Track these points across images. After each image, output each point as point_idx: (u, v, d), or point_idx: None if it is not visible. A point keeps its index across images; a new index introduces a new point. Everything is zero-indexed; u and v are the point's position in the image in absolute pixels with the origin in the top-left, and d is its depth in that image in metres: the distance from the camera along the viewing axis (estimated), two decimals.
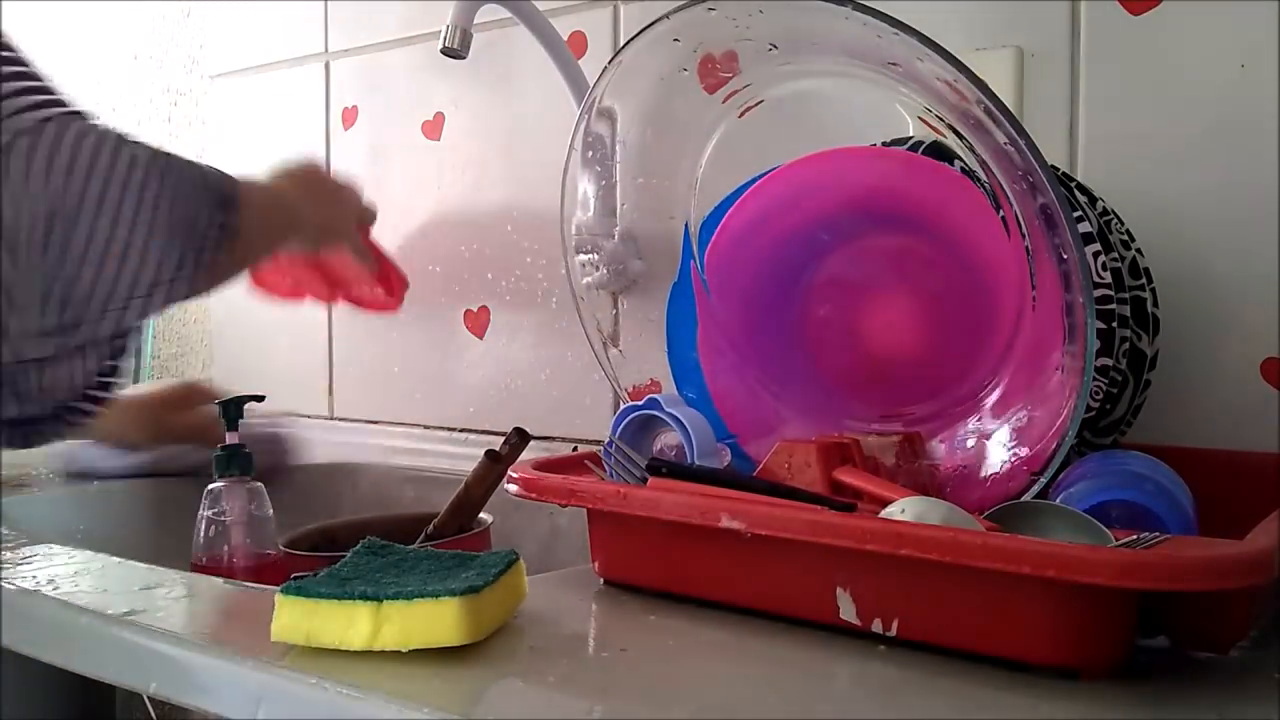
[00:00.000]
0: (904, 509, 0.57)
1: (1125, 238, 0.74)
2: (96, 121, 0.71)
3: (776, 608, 0.60)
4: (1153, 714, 0.47)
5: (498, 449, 0.90)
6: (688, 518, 0.60)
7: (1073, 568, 0.48)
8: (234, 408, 0.92)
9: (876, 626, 0.55)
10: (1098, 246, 0.68)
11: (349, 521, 0.95)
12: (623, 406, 0.78)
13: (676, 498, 0.61)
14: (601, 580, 0.68)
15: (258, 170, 0.89)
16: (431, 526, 0.90)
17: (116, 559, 0.74)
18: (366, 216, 1.04)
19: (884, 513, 0.58)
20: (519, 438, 0.90)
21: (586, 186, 0.88)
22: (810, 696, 0.50)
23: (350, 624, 0.52)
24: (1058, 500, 0.61)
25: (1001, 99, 0.60)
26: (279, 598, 0.53)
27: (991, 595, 0.51)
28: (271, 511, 0.89)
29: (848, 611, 0.56)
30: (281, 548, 0.88)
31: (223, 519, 0.87)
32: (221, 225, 0.74)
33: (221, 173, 0.76)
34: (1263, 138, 0.78)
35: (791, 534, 0.56)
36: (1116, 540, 0.54)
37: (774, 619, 0.59)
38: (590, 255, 0.95)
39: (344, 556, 0.75)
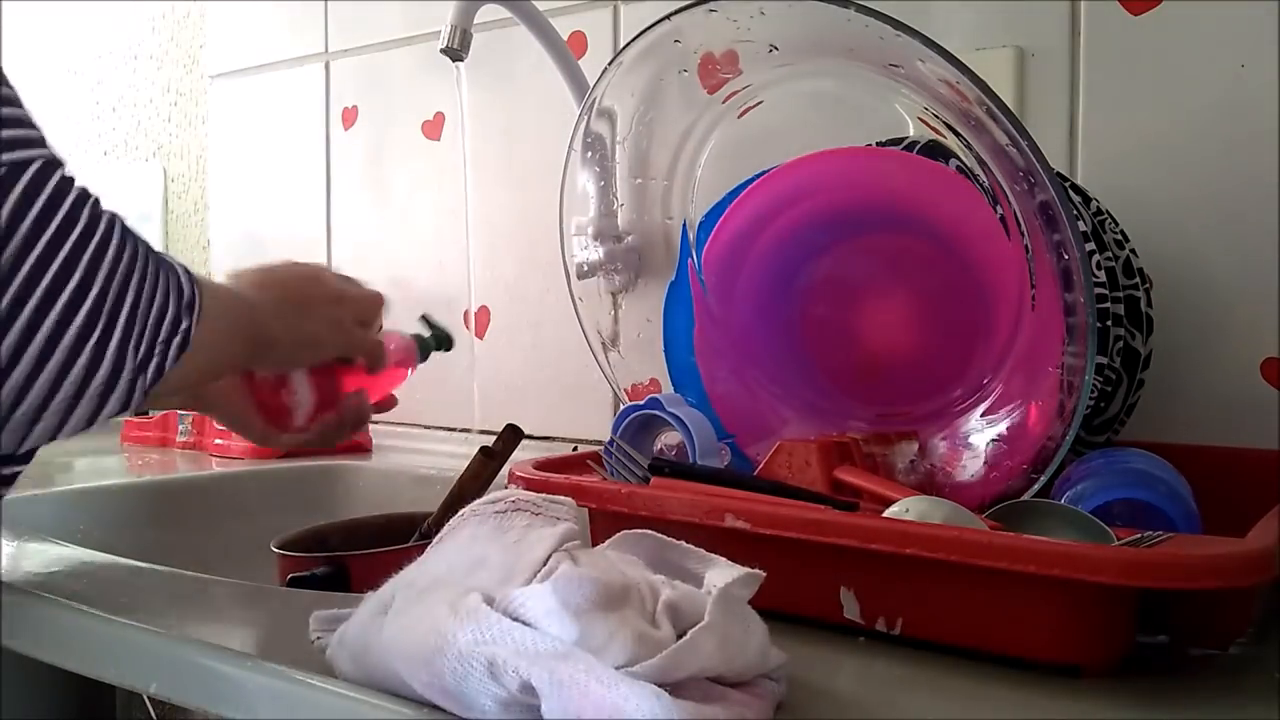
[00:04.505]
0: (907, 508, 0.57)
1: (1119, 238, 0.74)
2: (74, 176, 0.53)
3: (779, 607, 0.59)
4: (1154, 711, 0.48)
5: (491, 446, 0.90)
6: (692, 517, 0.60)
7: (1080, 567, 0.48)
8: None
9: (880, 625, 0.55)
10: (1092, 246, 0.68)
11: (341, 523, 0.95)
12: (624, 406, 0.78)
13: (681, 497, 0.61)
14: None
15: (244, 266, 0.73)
16: (426, 524, 0.90)
17: (116, 559, 0.74)
18: (369, 315, 0.79)
19: (888, 512, 0.58)
20: (512, 434, 0.90)
21: (586, 186, 0.88)
22: (813, 696, 0.50)
23: None
24: (1063, 499, 0.61)
25: (1002, 99, 0.60)
26: None
27: (996, 594, 0.51)
28: None
29: (851, 610, 0.56)
30: (274, 549, 0.88)
31: None
32: (184, 335, 0.57)
33: (187, 271, 0.58)
34: (1262, 138, 0.79)
35: (796, 533, 0.56)
36: (1119, 539, 0.54)
37: (777, 618, 0.59)
38: (589, 255, 0.95)
39: (336, 556, 0.75)
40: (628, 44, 0.75)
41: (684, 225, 0.86)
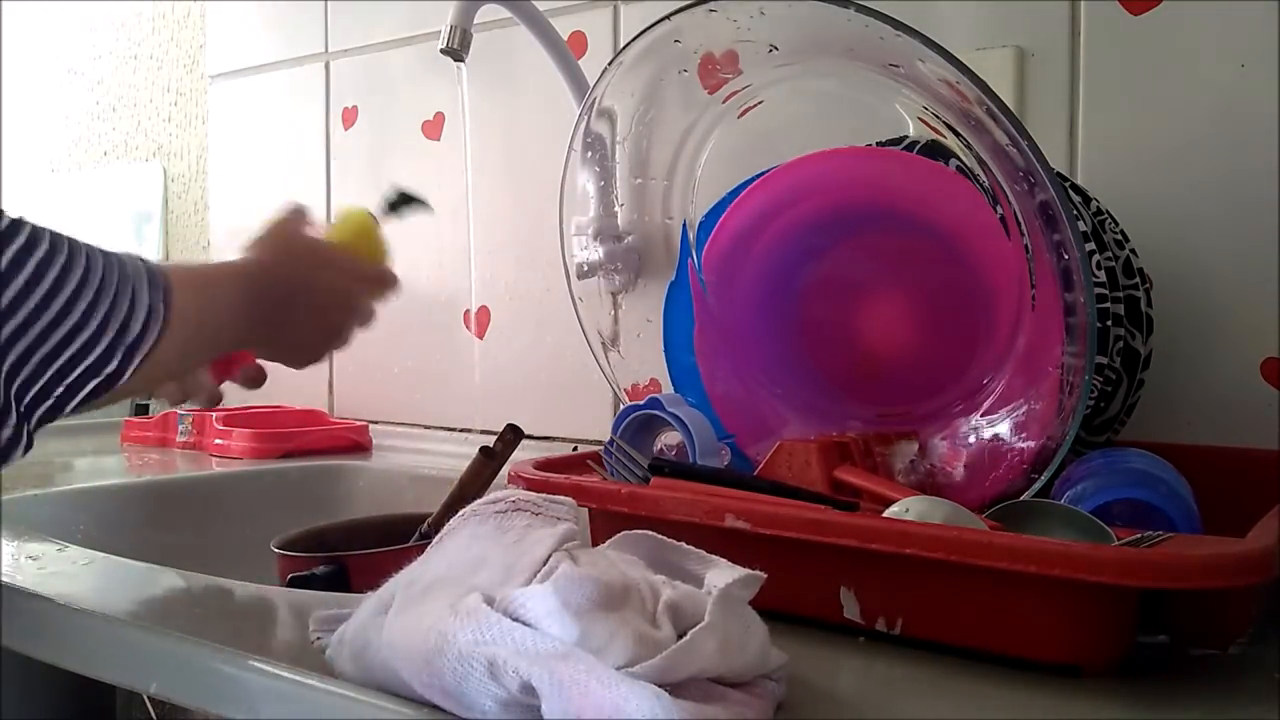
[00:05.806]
0: (908, 508, 0.57)
1: (1119, 238, 0.74)
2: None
3: (779, 607, 0.59)
4: (1153, 711, 0.48)
5: (491, 446, 0.90)
6: (692, 517, 0.60)
7: (1079, 567, 0.48)
8: None
9: (880, 625, 0.55)
10: (1092, 245, 0.68)
11: (341, 523, 0.95)
12: (624, 406, 0.78)
13: (681, 497, 0.61)
14: None
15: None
16: (426, 525, 0.90)
17: (116, 559, 0.74)
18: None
19: (888, 512, 0.58)
20: (512, 434, 0.90)
21: (586, 186, 0.88)
22: (813, 696, 0.50)
23: None
24: (1063, 499, 0.61)
25: (1002, 99, 0.60)
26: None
27: (996, 594, 0.51)
28: None
29: (851, 610, 0.56)
30: (274, 549, 0.88)
31: None
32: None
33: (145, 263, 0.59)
34: (1262, 138, 0.79)
35: (796, 533, 0.56)
36: (1119, 539, 0.54)
37: (777, 618, 0.59)
38: (589, 255, 0.95)
39: (335, 556, 0.75)
40: (628, 44, 0.75)
41: (684, 225, 0.86)
